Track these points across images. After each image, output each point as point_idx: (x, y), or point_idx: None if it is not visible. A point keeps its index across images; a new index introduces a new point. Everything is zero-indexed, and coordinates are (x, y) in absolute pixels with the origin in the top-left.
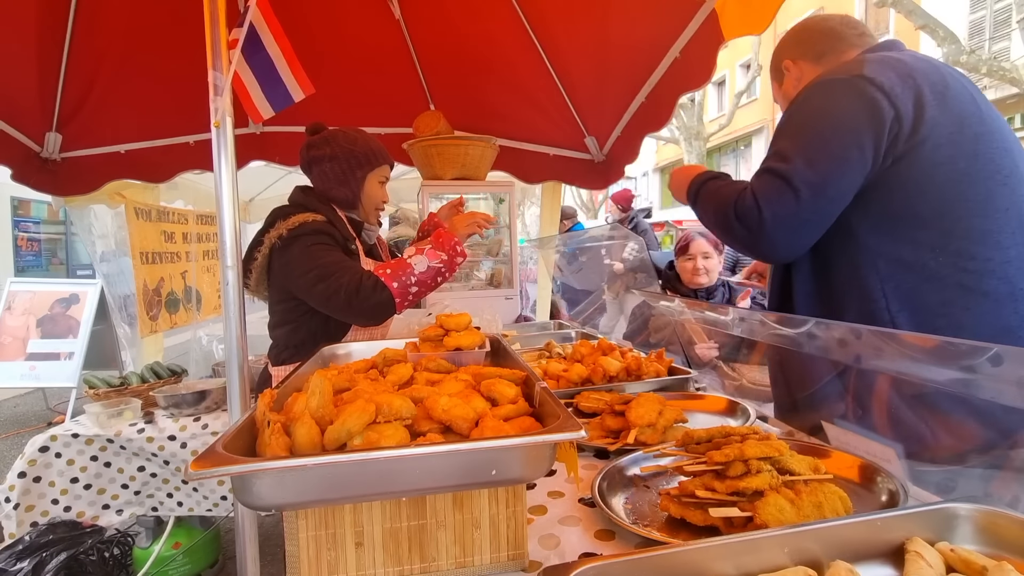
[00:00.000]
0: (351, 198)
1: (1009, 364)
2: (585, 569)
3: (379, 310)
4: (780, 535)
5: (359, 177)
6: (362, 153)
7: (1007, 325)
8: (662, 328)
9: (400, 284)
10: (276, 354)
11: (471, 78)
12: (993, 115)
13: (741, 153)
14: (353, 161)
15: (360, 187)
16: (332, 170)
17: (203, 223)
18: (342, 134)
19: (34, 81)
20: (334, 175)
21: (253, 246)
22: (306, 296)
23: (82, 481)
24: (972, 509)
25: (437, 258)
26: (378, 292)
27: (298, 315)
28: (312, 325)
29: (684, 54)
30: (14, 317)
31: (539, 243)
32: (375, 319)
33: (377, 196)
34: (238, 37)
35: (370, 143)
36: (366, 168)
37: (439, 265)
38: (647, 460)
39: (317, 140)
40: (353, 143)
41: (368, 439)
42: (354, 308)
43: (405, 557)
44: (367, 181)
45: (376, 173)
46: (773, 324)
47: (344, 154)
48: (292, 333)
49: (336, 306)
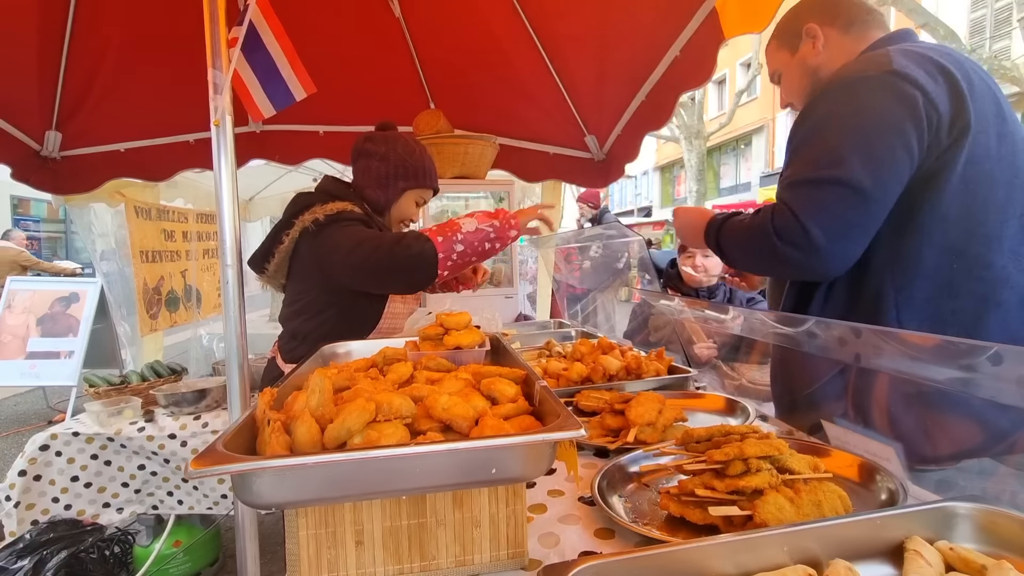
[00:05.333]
0: (383, 204)
1: (1009, 363)
2: (585, 567)
3: (420, 260)
4: (780, 534)
5: (400, 188)
6: (413, 167)
7: (1015, 336)
8: (662, 327)
9: (445, 239)
10: (291, 348)
11: (471, 76)
12: (1012, 114)
13: (741, 152)
14: (401, 170)
15: (397, 197)
16: (378, 170)
17: (203, 222)
18: (403, 142)
19: (34, 80)
20: (377, 176)
21: (280, 228)
22: (342, 266)
23: (82, 479)
24: (971, 508)
25: (488, 222)
26: (420, 242)
27: (318, 308)
28: (330, 318)
29: (684, 52)
30: (14, 316)
31: (538, 242)
32: (415, 272)
33: (407, 212)
34: (238, 35)
35: (424, 161)
36: (411, 183)
37: (488, 229)
38: (647, 459)
39: (377, 136)
40: (409, 154)
41: (368, 438)
42: (396, 257)
43: (405, 556)
44: (405, 195)
45: (417, 192)
46: (773, 323)
47: (396, 159)
48: (309, 325)
49: (377, 260)
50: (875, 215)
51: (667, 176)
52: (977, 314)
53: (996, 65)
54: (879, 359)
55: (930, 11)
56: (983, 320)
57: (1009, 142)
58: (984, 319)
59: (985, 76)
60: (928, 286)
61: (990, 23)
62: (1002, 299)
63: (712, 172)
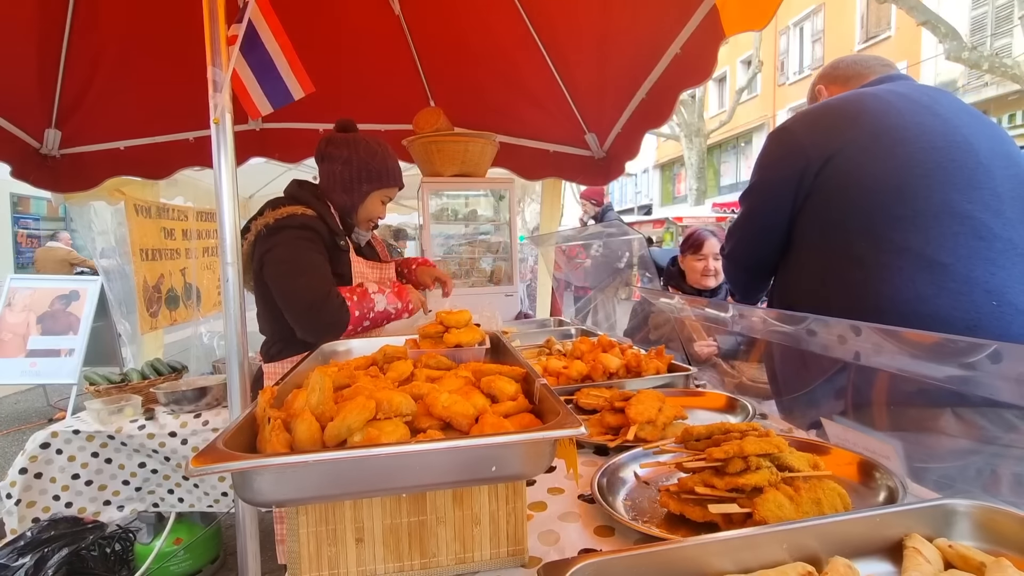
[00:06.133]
0: (349, 207)
1: (1008, 361)
2: (584, 565)
3: (333, 327)
4: (779, 531)
5: (364, 191)
6: (376, 169)
7: (922, 294)
8: (662, 325)
9: (360, 314)
10: (267, 349)
11: (471, 74)
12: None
13: (741, 150)
14: (364, 174)
15: (362, 200)
16: (342, 174)
17: (203, 220)
18: (364, 145)
19: (33, 78)
20: (342, 179)
21: (240, 234)
22: (272, 286)
23: (83, 477)
24: (970, 505)
25: (394, 303)
26: (341, 312)
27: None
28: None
29: (685, 50)
30: (14, 314)
31: (539, 240)
32: (324, 333)
33: (375, 212)
34: (237, 33)
35: (388, 162)
36: (375, 184)
37: (392, 310)
38: (647, 457)
39: (339, 139)
40: (372, 156)
41: (368, 436)
42: (312, 316)
43: (405, 553)
44: (370, 196)
45: (382, 192)
46: (772, 321)
47: (359, 163)
48: (280, 325)
49: (298, 307)
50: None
51: (667, 174)
52: (882, 277)
53: (997, 63)
54: (879, 357)
55: (931, 9)
56: (888, 282)
57: (908, 144)
58: (889, 281)
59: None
60: (842, 263)
61: (991, 21)
62: (903, 263)
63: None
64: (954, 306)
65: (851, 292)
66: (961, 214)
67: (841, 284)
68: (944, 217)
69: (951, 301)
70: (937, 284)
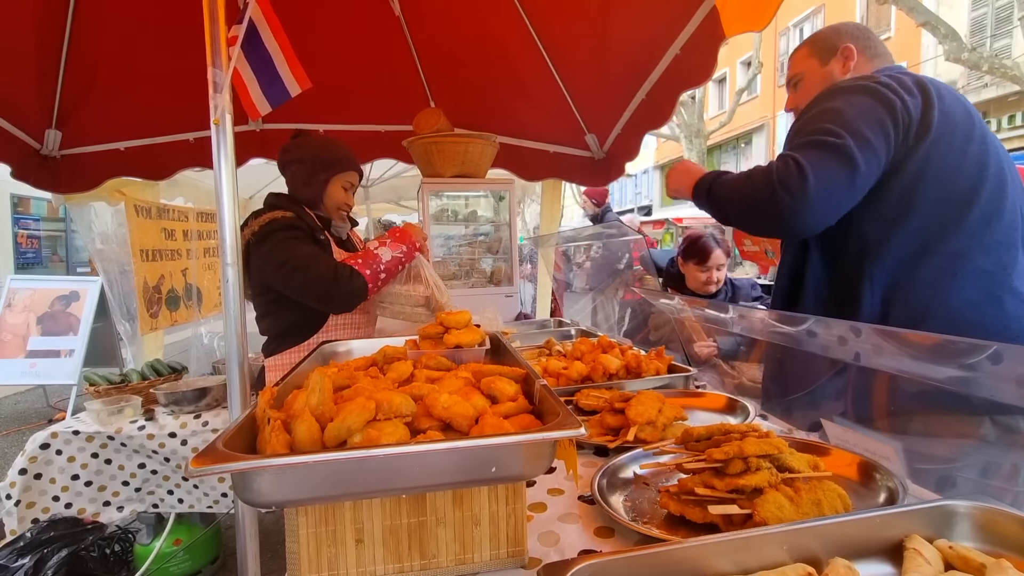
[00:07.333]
0: (314, 199)
1: (1008, 362)
2: (584, 566)
3: (356, 296)
4: (779, 532)
5: (322, 180)
6: (327, 159)
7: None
8: (662, 326)
9: (372, 271)
10: (266, 345)
11: (471, 75)
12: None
13: (742, 151)
14: (318, 165)
15: (323, 189)
16: (299, 172)
17: (203, 220)
18: (312, 141)
19: (33, 78)
20: (300, 177)
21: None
22: (284, 287)
23: (83, 478)
24: (971, 506)
25: (399, 249)
26: (354, 280)
27: (277, 306)
28: (292, 314)
29: (685, 51)
30: (14, 314)
31: (539, 240)
32: (350, 305)
33: (339, 198)
34: (237, 34)
35: (337, 151)
36: (330, 172)
37: (400, 255)
38: (647, 457)
39: (291, 144)
40: (321, 149)
41: (368, 436)
42: (333, 296)
43: (405, 554)
44: (330, 184)
45: (340, 178)
46: (772, 322)
47: (310, 158)
48: (275, 323)
49: (315, 295)
50: (858, 187)
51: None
52: (935, 282)
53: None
54: (879, 358)
55: (931, 10)
56: (941, 286)
57: (978, 143)
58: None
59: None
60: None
61: (991, 22)
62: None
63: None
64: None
65: (924, 281)
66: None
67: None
68: (1009, 222)
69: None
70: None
